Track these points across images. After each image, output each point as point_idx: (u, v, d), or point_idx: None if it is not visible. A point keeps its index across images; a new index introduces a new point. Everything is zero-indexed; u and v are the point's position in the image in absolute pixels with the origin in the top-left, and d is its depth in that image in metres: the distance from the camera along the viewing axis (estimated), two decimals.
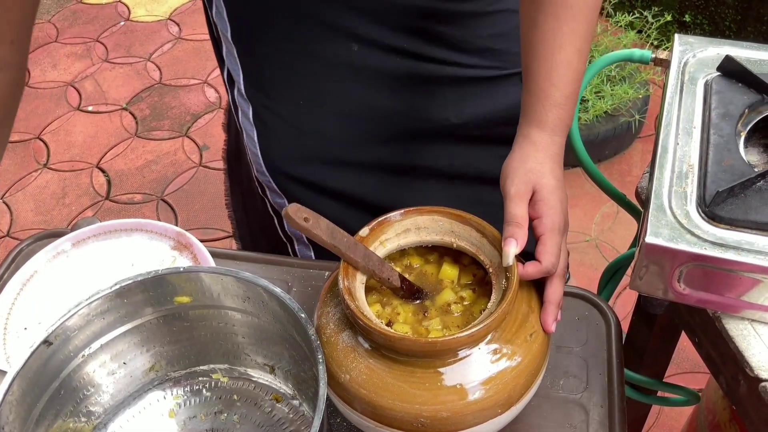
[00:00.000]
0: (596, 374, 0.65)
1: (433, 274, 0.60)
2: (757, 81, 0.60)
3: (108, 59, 2.41)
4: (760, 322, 0.53)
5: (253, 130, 0.78)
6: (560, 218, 0.56)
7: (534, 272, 0.54)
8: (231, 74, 0.77)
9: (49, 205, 1.95)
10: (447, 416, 0.50)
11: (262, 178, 0.81)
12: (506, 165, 0.59)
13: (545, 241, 0.54)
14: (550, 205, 0.55)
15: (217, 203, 1.90)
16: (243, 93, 0.76)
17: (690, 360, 1.45)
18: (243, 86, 0.76)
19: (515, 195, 0.56)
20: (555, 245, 0.54)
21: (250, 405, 0.64)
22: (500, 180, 0.58)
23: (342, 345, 0.54)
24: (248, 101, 0.77)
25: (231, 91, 0.79)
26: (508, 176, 0.57)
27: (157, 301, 0.61)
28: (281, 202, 0.83)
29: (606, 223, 1.76)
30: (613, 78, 1.85)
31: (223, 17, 0.72)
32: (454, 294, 0.58)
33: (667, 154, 0.57)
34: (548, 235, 0.54)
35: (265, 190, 0.84)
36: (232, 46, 0.73)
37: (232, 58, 0.75)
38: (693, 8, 2.10)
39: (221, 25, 0.73)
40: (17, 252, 0.80)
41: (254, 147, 0.79)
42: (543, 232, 0.55)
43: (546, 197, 0.55)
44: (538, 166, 0.57)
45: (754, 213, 0.51)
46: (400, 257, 0.60)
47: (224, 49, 0.75)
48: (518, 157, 0.58)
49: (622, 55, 0.73)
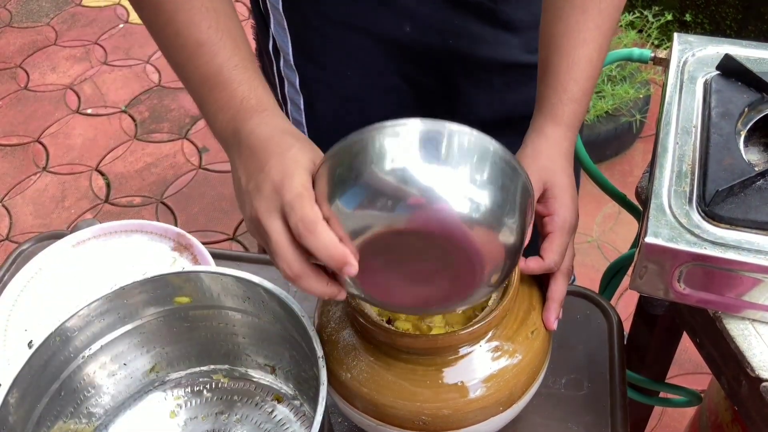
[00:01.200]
0: (598, 373, 0.65)
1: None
2: (757, 79, 0.60)
3: (107, 62, 2.41)
4: (761, 321, 0.53)
5: (300, 98, 0.79)
6: (572, 217, 0.55)
7: (536, 268, 0.54)
8: (277, 46, 0.77)
9: (49, 209, 1.95)
10: (448, 414, 0.50)
11: None
12: (520, 157, 0.58)
13: (553, 239, 0.54)
14: (562, 202, 0.55)
15: (217, 206, 1.90)
16: (291, 62, 0.77)
17: (692, 361, 1.45)
18: (291, 56, 0.76)
19: None
20: (562, 244, 0.54)
21: (251, 406, 0.64)
22: None
23: (343, 343, 0.54)
24: (295, 71, 0.77)
25: (277, 63, 0.79)
26: None
27: (157, 301, 0.60)
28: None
29: (608, 223, 1.75)
30: (613, 78, 1.85)
31: None
32: None
33: (666, 153, 0.57)
34: (557, 233, 0.54)
35: None
36: (282, 18, 0.74)
37: (281, 29, 0.75)
38: (694, 7, 2.10)
39: None
40: (18, 253, 0.80)
41: (299, 116, 0.80)
42: (552, 229, 0.54)
43: (558, 195, 0.55)
44: (550, 164, 0.56)
45: (754, 212, 0.51)
46: None
47: (272, 21, 0.76)
48: (530, 153, 0.58)
49: (622, 54, 0.73)
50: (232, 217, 1.87)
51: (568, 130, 0.58)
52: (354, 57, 0.75)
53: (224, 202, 1.91)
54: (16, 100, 2.30)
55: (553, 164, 0.56)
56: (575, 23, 0.58)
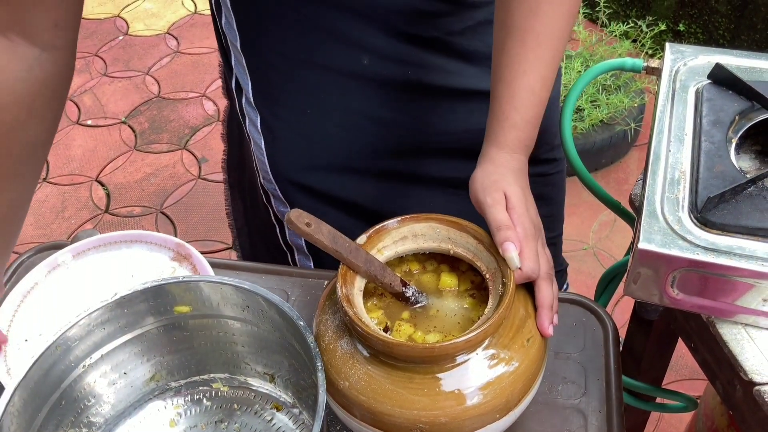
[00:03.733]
0: (594, 380, 0.66)
1: (432, 282, 0.60)
2: (747, 88, 0.61)
3: (107, 73, 2.42)
4: (753, 326, 0.53)
5: (261, 138, 0.79)
6: (529, 224, 0.57)
7: (516, 278, 0.55)
8: (239, 83, 0.78)
9: (49, 219, 1.95)
10: (446, 422, 0.51)
11: (268, 185, 0.82)
12: (472, 182, 0.60)
13: (520, 249, 0.55)
14: (518, 212, 0.57)
15: (216, 215, 1.91)
16: (251, 101, 0.78)
17: (689, 367, 1.45)
18: (251, 95, 0.77)
19: (493, 203, 0.57)
20: (530, 250, 0.55)
21: (251, 414, 0.65)
22: (471, 196, 0.60)
23: (341, 352, 0.54)
24: (256, 110, 0.78)
25: (239, 99, 0.80)
26: (479, 190, 0.59)
27: (157, 310, 0.61)
28: (284, 210, 0.84)
29: (603, 231, 1.76)
30: (608, 87, 1.87)
31: (233, 27, 0.73)
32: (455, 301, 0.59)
33: (659, 161, 0.58)
34: (523, 242, 0.55)
35: (269, 198, 0.84)
36: (241, 56, 0.75)
37: (240, 68, 0.76)
38: (687, 17, 2.12)
39: (230, 35, 0.74)
40: (18, 264, 0.81)
41: (261, 155, 0.80)
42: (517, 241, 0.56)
43: (514, 205, 0.57)
44: (501, 178, 0.59)
45: (745, 218, 0.52)
46: (398, 264, 0.61)
47: (233, 58, 0.77)
48: (480, 174, 0.60)
49: (615, 64, 0.74)
50: None
51: (513, 152, 0.61)
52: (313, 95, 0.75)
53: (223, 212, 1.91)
54: None
55: (503, 177, 0.59)
56: (515, 55, 0.60)
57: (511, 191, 0.58)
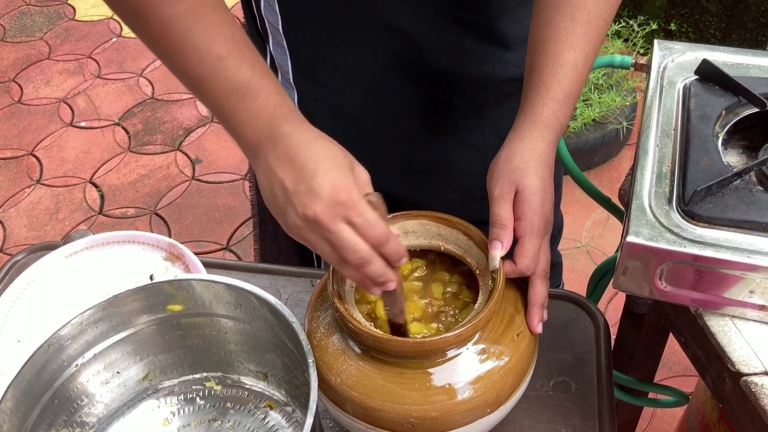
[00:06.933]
0: (585, 375, 0.66)
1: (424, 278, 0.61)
2: (734, 84, 0.62)
3: (100, 75, 2.42)
4: (740, 318, 0.54)
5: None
6: (540, 220, 0.56)
7: (509, 272, 0.55)
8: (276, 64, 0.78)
9: (43, 221, 1.95)
10: (436, 416, 0.51)
11: None
12: (493, 163, 0.59)
13: (523, 243, 0.55)
14: (530, 206, 0.55)
15: (210, 216, 1.91)
16: (290, 80, 0.78)
17: (681, 363, 1.46)
18: (291, 74, 0.77)
19: (498, 196, 0.56)
20: (532, 248, 0.55)
21: (244, 412, 0.65)
22: (487, 179, 0.59)
23: (332, 348, 0.55)
24: (294, 88, 0.78)
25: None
26: (493, 176, 0.58)
27: (150, 309, 0.61)
28: None
29: (596, 229, 1.77)
30: (600, 86, 1.87)
31: (275, 10, 0.73)
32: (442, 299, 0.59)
33: (647, 155, 0.58)
34: (527, 238, 0.55)
35: None
36: (282, 38, 0.75)
37: (280, 49, 0.76)
38: (678, 17, 2.13)
39: (271, 18, 0.74)
40: (11, 264, 0.81)
41: None
42: (522, 234, 0.55)
43: (527, 198, 0.56)
44: (522, 165, 0.57)
45: (731, 211, 0.52)
46: None
47: (270, 40, 0.77)
48: (504, 156, 0.58)
49: (604, 61, 0.75)
50: (225, 226, 1.88)
51: (546, 130, 0.58)
52: (352, 75, 0.76)
53: (217, 213, 1.92)
54: (9, 114, 2.31)
55: (525, 166, 0.57)
56: (563, 29, 0.59)
57: (526, 183, 0.56)
